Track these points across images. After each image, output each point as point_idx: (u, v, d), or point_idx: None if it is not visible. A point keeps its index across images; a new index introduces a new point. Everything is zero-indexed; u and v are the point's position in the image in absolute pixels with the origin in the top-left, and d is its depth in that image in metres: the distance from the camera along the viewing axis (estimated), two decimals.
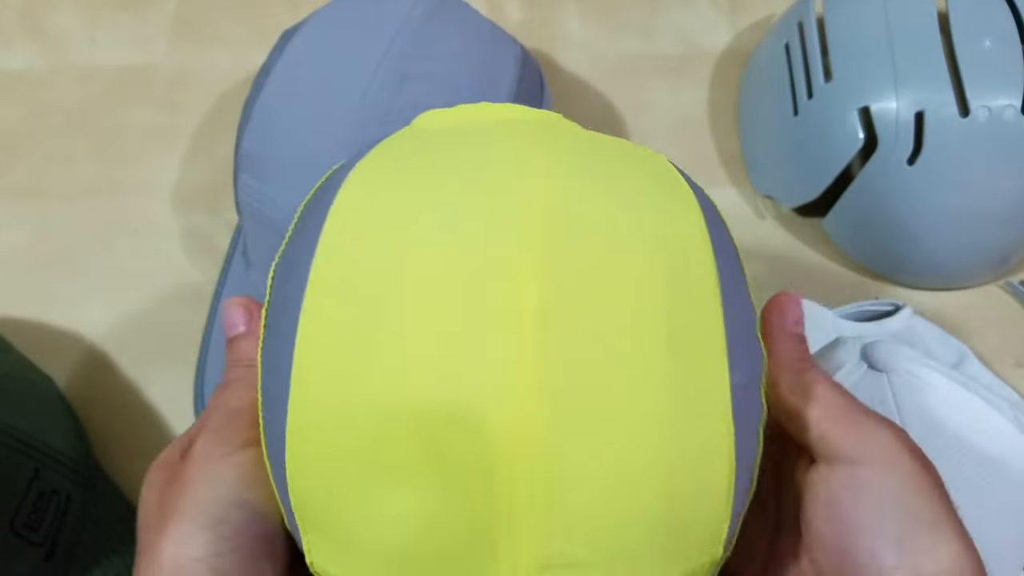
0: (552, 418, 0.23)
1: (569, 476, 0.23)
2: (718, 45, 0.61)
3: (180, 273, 0.52)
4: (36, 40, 0.60)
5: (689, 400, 0.24)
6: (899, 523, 0.25)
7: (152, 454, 0.48)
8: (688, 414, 0.24)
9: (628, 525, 0.23)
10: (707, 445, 0.24)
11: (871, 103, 0.47)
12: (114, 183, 0.55)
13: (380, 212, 0.26)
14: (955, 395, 0.39)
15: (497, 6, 0.62)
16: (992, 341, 0.51)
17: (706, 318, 0.25)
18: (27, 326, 0.51)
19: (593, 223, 0.25)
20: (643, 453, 0.23)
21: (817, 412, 0.27)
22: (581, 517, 0.23)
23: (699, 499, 0.24)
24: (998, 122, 0.45)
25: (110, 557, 0.42)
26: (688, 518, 0.24)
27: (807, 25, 0.51)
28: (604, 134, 0.31)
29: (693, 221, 0.27)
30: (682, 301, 0.25)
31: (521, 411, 0.22)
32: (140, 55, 0.60)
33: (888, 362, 0.39)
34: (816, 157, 0.50)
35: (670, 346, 0.24)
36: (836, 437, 0.27)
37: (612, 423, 0.23)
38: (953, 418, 0.39)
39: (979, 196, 0.48)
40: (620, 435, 0.23)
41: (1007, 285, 0.53)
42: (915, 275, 0.52)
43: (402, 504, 0.23)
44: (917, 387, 0.39)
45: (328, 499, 0.24)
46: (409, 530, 0.23)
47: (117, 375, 0.50)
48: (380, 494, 0.23)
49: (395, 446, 0.23)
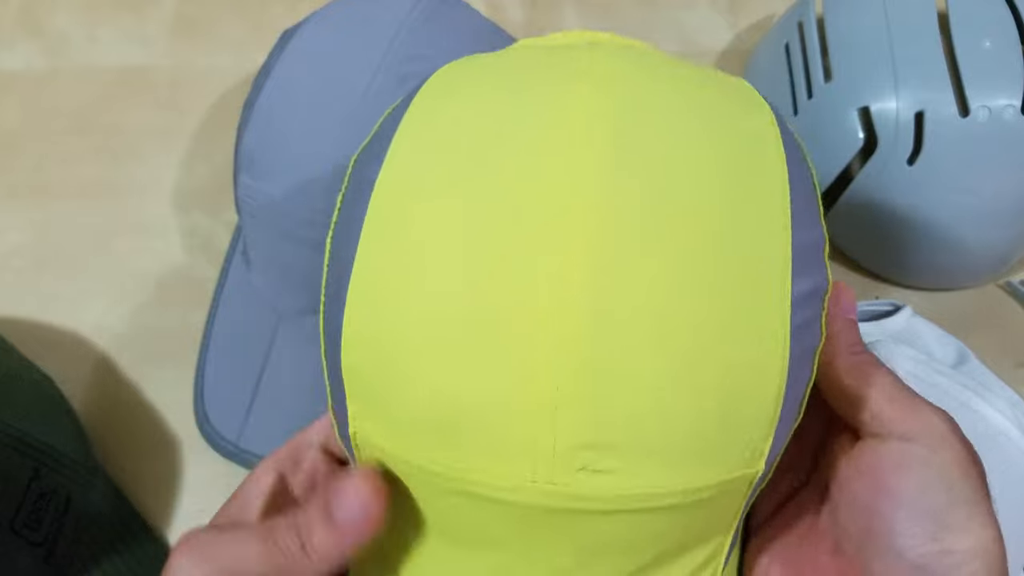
0: (606, 303, 0.23)
1: (619, 362, 0.23)
2: (718, 45, 0.61)
3: (180, 273, 0.52)
4: (36, 40, 0.60)
5: (748, 303, 0.24)
6: (939, 497, 0.26)
7: (152, 454, 0.49)
8: (746, 317, 0.24)
9: (672, 420, 0.23)
10: (761, 352, 0.24)
11: (871, 103, 0.47)
12: (114, 183, 0.55)
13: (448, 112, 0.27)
14: (957, 396, 0.39)
15: (497, 6, 0.62)
16: (992, 341, 0.51)
17: (772, 221, 0.25)
18: (27, 326, 0.51)
19: (658, 114, 0.25)
20: (696, 350, 0.23)
21: (873, 392, 0.28)
22: (627, 404, 0.23)
23: (746, 407, 0.24)
24: (998, 122, 0.45)
25: (110, 557, 0.42)
26: (733, 424, 0.24)
27: (807, 25, 0.51)
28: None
29: (767, 126, 0.27)
30: (747, 198, 0.25)
31: (575, 295, 0.23)
32: (140, 55, 0.60)
33: (889, 362, 0.39)
34: (816, 157, 0.50)
35: (732, 244, 0.24)
36: (890, 415, 0.27)
37: (668, 315, 0.23)
38: (955, 418, 0.39)
39: (979, 196, 0.48)
40: (675, 329, 0.23)
41: (1007, 285, 0.53)
42: (915, 275, 0.52)
43: (449, 370, 0.23)
44: (919, 387, 0.39)
45: (378, 365, 0.25)
46: (454, 397, 0.23)
47: (117, 375, 0.50)
48: (428, 360, 0.24)
49: (447, 319, 0.23)
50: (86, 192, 0.55)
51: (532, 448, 0.23)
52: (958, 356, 0.47)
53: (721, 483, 0.25)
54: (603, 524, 0.25)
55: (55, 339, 0.51)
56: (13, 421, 0.40)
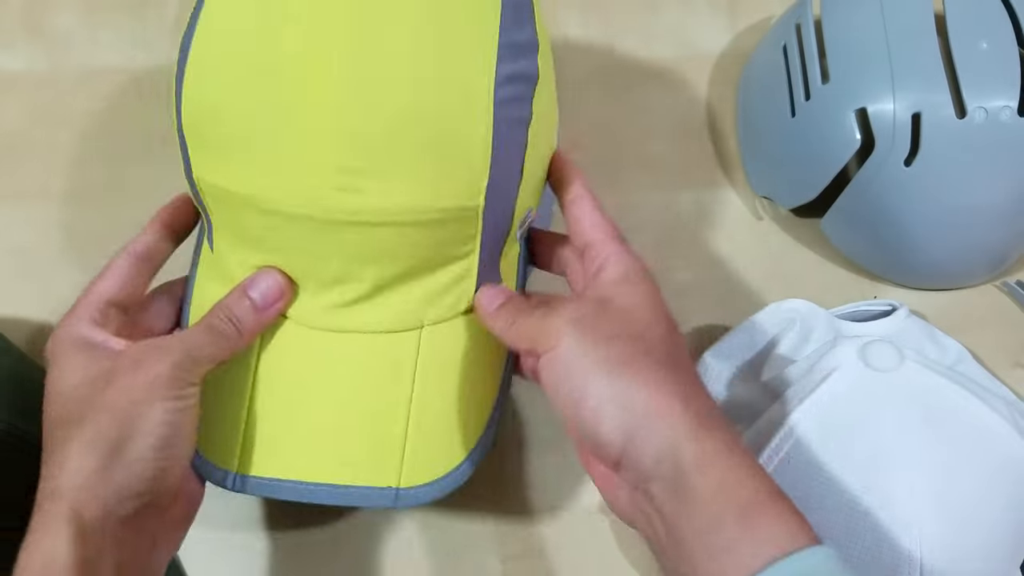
0: (357, 60, 0.33)
1: (366, 105, 0.33)
2: (716, 47, 0.61)
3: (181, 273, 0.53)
4: (38, 41, 0.60)
5: (459, 73, 0.34)
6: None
7: None
8: (458, 84, 0.34)
9: (403, 153, 0.34)
10: (468, 109, 0.34)
11: (868, 104, 0.47)
12: (115, 184, 0.56)
13: None
14: (953, 395, 0.39)
15: None
16: (990, 341, 0.51)
17: (484, 22, 0.35)
18: (28, 326, 0.52)
19: None
20: (417, 105, 0.33)
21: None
22: (369, 139, 0.33)
23: (459, 149, 0.34)
24: (995, 123, 0.45)
25: None
26: (450, 162, 0.34)
27: (805, 27, 0.51)
28: None
29: None
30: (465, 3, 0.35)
31: (334, 53, 0.33)
32: (141, 56, 0.60)
33: (886, 362, 0.40)
34: (813, 158, 0.50)
35: (449, 26, 0.34)
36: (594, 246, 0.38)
37: (396, 72, 0.33)
38: (952, 418, 0.39)
39: (976, 197, 0.48)
40: (402, 82, 0.33)
41: (1004, 285, 0.53)
42: (912, 275, 0.53)
43: (246, 109, 0.34)
44: (916, 387, 0.39)
45: (202, 117, 0.35)
46: (250, 130, 0.34)
47: None
48: (232, 106, 0.34)
49: (244, 69, 0.34)
50: (88, 193, 0.55)
51: (304, 171, 0.34)
52: (956, 356, 0.47)
53: (449, 208, 0.35)
54: (361, 235, 0.35)
55: None
56: (16, 420, 0.41)
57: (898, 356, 0.40)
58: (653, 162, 0.57)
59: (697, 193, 0.56)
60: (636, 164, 0.57)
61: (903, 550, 0.36)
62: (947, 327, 0.52)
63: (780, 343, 0.46)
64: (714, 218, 0.55)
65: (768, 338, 0.47)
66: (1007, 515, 0.38)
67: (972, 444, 0.38)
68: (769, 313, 0.48)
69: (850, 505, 0.37)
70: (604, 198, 0.55)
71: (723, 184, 0.57)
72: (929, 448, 0.38)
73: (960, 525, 0.37)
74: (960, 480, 0.38)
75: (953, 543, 0.36)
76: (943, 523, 0.36)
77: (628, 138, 0.58)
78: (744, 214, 0.56)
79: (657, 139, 0.58)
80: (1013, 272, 0.54)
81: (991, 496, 0.38)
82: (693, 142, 0.58)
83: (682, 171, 0.57)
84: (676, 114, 0.59)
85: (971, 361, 0.48)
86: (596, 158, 0.56)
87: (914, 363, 0.40)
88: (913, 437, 0.38)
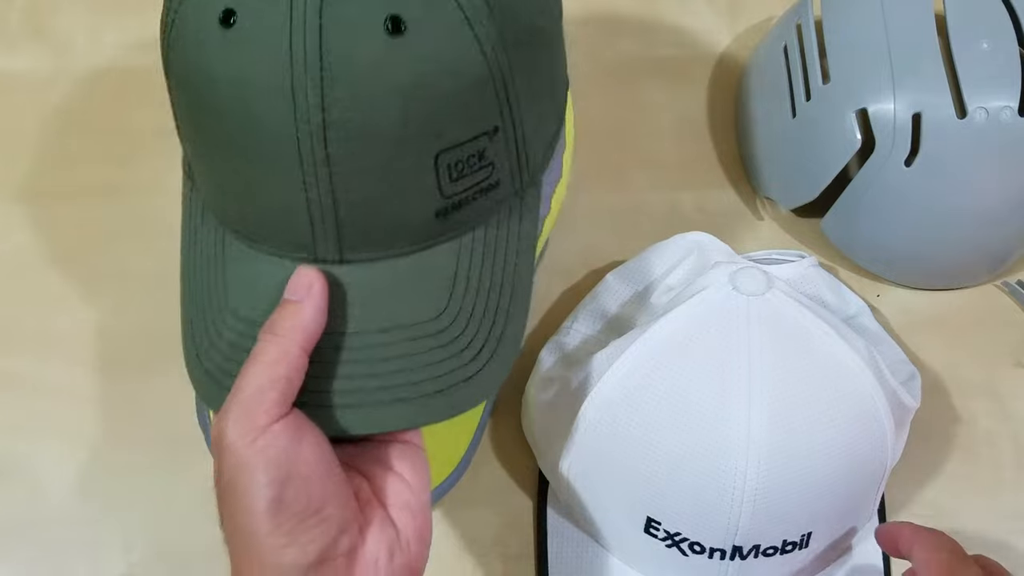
0: None
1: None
2: (717, 47, 0.61)
3: None
4: (40, 42, 0.60)
5: None
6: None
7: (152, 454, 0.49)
8: None
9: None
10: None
11: (869, 105, 0.47)
12: (117, 184, 0.56)
13: None
14: (812, 326, 0.40)
15: None
16: (990, 341, 0.51)
17: None
18: (30, 326, 0.52)
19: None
20: None
21: None
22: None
23: None
24: (995, 123, 0.45)
25: None
26: None
27: (805, 27, 0.51)
28: None
29: None
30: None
31: None
32: (143, 58, 0.60)
33: (754, 287, 0.40)
34: (814, 159, 0.50)
35: None
36: None
37: None
38: (805, 345, 0.40)
39: (976, 197, 0.48)
40: None
41: (1005, 285, 0.53)
42: (913, 275, 0.53)
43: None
44: (776, 312, 0.40)
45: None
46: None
47: (118, 375, 0.50)
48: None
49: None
50: (89, 193, 0.55)
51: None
52: (857, 310, 0.48)
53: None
54: None
55: (58, 339, 0.51)
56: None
57: (766, 282, 0.41)
58: (654, 162, 0.57)
59: (698, 193, 0.56)
60: (637, 164, 0.57)
61: (733, 468, 0.38)
62: (948, 327, 0.52)
63: (676, 270, 0.47)
64: (715, 218, 0.55)
65: (668, 265, 0.47)
66: (844, 449, 0.40)
67: (821, 373, 0.40)
68: (673, 242, 0.48)
69: (689, 417, 0.39)
70: (605, 198, 0.55)
71: (724, 184, 0.57)
72: (775, 370, 0.39)
73: (792, 450, 0.38)
74: (799, 404, 0.39)
75: (783, 464, 0.38)
76: (775, 446, 0.38)
77: (629, 138, 0.58)
78: (745, 214, 0.56)
79: (658, 139, 0.58)
80: (1014, 272, 0.54)
81: (829, 425, 0.39)
82: (694, 142, 0.58)
83: (683, 171, 0.57)
84: (677, 114, 0.59)
85: (871, 317, 0.48)
86: (597, 158, 0.56)
87: (781, 292, 0.41)
88: (764, 358, 0.39)
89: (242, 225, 0.37)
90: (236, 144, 0.35)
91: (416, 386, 0.34)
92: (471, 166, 0.35)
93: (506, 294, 0.37)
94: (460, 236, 0.37)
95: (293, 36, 0.31)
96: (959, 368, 0.51)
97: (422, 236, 0.36)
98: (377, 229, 0.35)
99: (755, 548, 0.40)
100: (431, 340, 0.35)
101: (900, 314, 0.52)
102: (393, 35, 0.32)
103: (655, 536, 0.41)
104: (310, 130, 0.32)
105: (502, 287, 0.37)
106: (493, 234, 0.37)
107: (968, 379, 0.51)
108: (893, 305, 0.53)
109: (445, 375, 0.35)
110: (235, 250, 0.37)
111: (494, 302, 0.37)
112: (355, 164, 0.33)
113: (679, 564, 0.41)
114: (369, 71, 0.32)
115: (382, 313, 0.35)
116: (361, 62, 0.32)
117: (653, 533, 0.41)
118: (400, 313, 0.35)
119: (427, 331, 0.35)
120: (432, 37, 0.33)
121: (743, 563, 0.40)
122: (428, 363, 0.34)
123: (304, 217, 0.34)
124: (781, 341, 0.40)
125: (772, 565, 0.41)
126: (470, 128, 0.35)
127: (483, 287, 0.37)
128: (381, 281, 0.35)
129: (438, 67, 0.33)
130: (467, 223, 0.37)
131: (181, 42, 0.34)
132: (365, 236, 0.35)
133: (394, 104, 0.33)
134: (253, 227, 0.36)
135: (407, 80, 0.32)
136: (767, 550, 0.40)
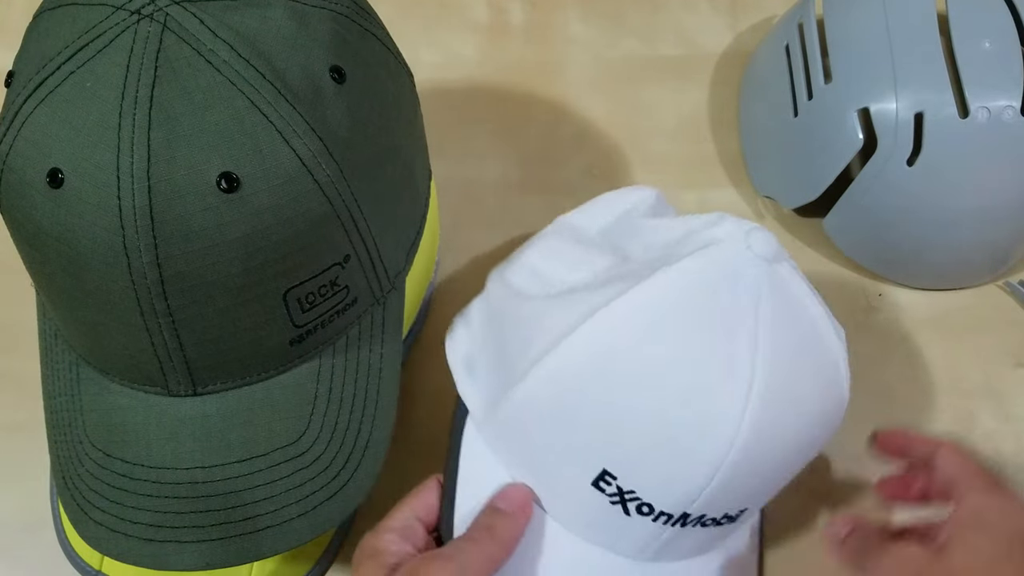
0: None
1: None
2: (718, 46, 0.61)
3: None
4: None
5: None
6: None
7: None
8: None
9: None
10: None
11: (871, 104, 0.47)
12: None
13: None
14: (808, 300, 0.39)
15: (499, 8, 0.63)
16: (991, 341, 0.51)
17: None
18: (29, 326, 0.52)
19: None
20: None
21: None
22: None
23: None
24: (997, 123, 0.45)
25: None
26: None
27: (807, 26, 0.51)
28: None
29: None
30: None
31: None
32: None
33: (768, 251, 0.38)
34: (816, 158, 0.50)
35: None
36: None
37: None
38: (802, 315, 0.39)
39: (978, 197, 0.48)
40: None
41: (1006, 285, 0.53)
42: (914, 275, 0.53)
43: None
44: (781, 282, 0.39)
45: None
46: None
47: None
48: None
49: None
50: None
51: None
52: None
53: None
54: None
55: None
56: None
57: (780, 250, 0.39)
58: (655, 162, 0.57)
59: (699, 193, 0.56)
60: (638, 164, 0.57)
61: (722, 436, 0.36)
62: (949, 327, 0.52)
63: (637, 212, 0.44)
64: None
65: (626, 207, 0.45)
66: (815, 427, 0.39)
67: (810, 345, 0.39)
68: (627, 189, 0.46)
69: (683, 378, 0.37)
70: None
71: (725, 184, 0.57)
72: (778, 340, 0.38)
73: (780, 424, 0.37)
74: (794, 376, 0.38)
75: (768, 438, 0.37)
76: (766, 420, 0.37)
77: (630, 138, 0.58)
78: (746, 213, 0.56)
79: (659, 139, 0.58)
80: (1015, 272, 0.54)
81: (811, 400, 0.39)
82: (695, 142, 0.58)
83: (684, 171, 0.57)
84: (678, 113, 0.59)
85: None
86: (598, 158, 0.56)
87: (787, 262, 0.39)
88: (770, 328, 0.37)
89: (92, 359, 0.36)
90: (73, 296, 0.34)
91: (279, 512, 0.34)
92: (323, 295, 0.35)
93: (371, 399, 0.37)
94: (320, 354, 0.36)
95: (122, 197, 0.30)
96: (960, 368, 0.51)
97: (277, 363, 0.35)
98: (229, 363, 0.34)
99: (700, 517, 0.38)
100: (291, 464, 0.35)
101: (901, 314, 0.52)
102: (228, 192, 0.30)
103: (602, 491, 0.38)
104: (148, 285, 0.31)
105: (367, 394, 0.37)
106: (356, 343, 0.37)
107: (969, 379, 0.51)
108: (895, 305, 0.53)
109: (308, 496, 0.35)
110: (88, 376, 0.37)
111: (359, 411, 0.36)
112: (198, 311, 0.32)
113: (610, 522, 0.39)
114: (203, 229, 0.31)
115: (238, 443, 0.35)
116: (194, 221, 0.31)
117: (602, 488, 0.38)
118: (257, 442, 0.35)
119: (287, 455, 0.35)
120: (268, 189, 0.31)
121: (681, 530, 0.38)
122: (289, 487, 0.34)
123: (152, 358, 0.34)
124: (783, 309, 0.38)
125: (700, 535, 0.39)
126: (318, 264, 0.34)
127: (347, 398, 0.36)
128: (236, 410, 0.35)
129: (277, 217, 0.32)
130: (326, 341, 0.36)
131: (11, 192, 0.33)
132: (217, 370, 0.34)
133: (233, 257, 0.31)
134: (102, 364, 0.36)
135: (244, 233, 0.31)
136: (707, 520, 0.38)
